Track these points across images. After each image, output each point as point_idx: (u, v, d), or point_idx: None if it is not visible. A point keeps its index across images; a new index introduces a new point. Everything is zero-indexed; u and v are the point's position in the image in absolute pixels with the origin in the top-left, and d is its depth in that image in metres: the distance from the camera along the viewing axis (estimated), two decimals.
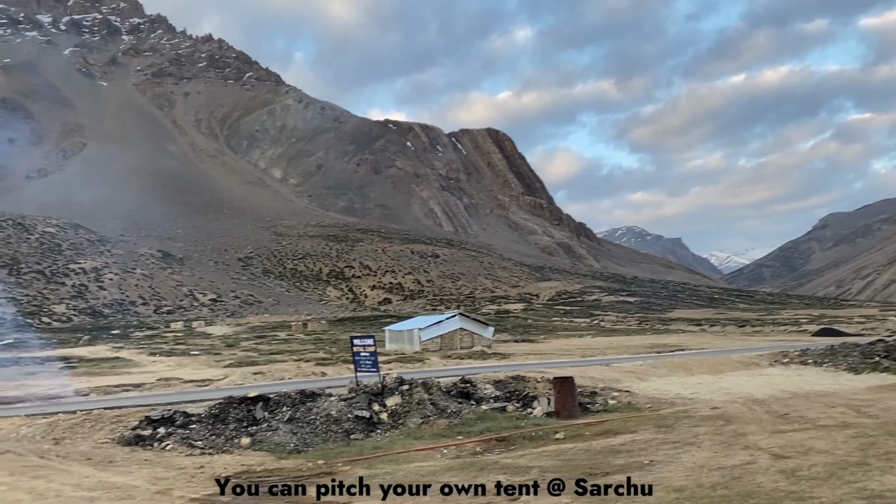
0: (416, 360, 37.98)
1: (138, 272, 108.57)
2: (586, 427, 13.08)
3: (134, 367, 39.33)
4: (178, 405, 14.17)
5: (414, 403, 14.08)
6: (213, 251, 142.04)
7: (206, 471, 10.57)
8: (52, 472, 10.61)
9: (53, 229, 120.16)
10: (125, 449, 12.12)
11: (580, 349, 44.84)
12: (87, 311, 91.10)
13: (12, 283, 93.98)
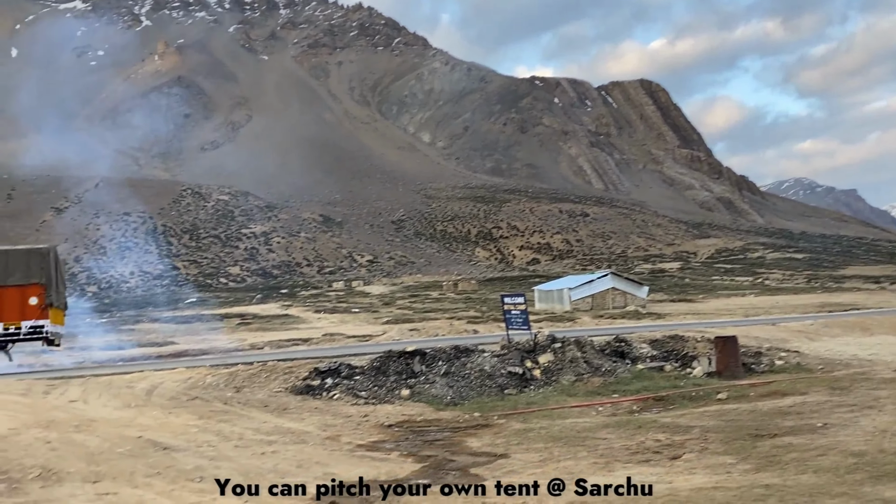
0: (567, 320, 37.77)
1: (302, 235, 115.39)
2: (751, 388, 12.47)
3: (301, 323, 42.10)
4: (343, 358, 15.01)
5: (567, 361, 14.06)
6: (369, 215, 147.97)
7: (370, 419, 11.18)
8: (234, 416, 11.65)
9: (226, 197, 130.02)
10: (297, 397, 13.03)
11: (742, 309, 42.61)
12: (258, 273, 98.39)
13: (193, 248, 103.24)
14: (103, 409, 12.04)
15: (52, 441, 9.78)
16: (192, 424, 10.93)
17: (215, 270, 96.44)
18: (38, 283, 17.48)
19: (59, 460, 8.95)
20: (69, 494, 7.57)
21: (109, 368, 18.51)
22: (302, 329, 37.90)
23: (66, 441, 9.81)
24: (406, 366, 13.85)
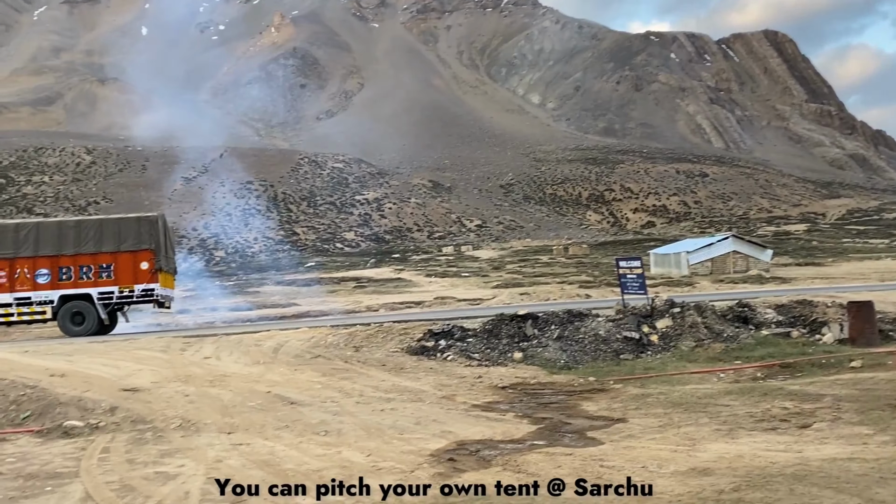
0: (685, 284, 36.59)
1: (412, 201, 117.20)
2: (889, 356, 11.66)
3: (413, 286, 42.99)
4: (455, 321, 15.20)
5: (686, 326, 13.63)
6: (477, 179, 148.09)
7: (483, 380, 11.32)
8: (354, 374, 12.10)
9: (341, 165, 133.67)
10: (412, 358, 13.35)
11: (877, 273, 39.76)
12: (371, 238, 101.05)
13: (311, 214, 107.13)
14: (234, 365, 12.81)
15: (190, 394, 10.52)
16: (315, 381, 11.45)
17: (331, 236, 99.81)
18: (149, 249, 18.66)
19: (197, 412, 9.62)
20: (207, 444, 8.13)
21: (238, 328, 19.65)
22: (414, 292, 38.70)
23: (203, 394, 10.52)
24: (518, 329, 13.86)
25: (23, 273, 18.29)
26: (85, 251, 18.53)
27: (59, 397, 10.25)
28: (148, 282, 18.56)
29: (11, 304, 18.14)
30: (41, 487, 6.67)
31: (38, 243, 18.54)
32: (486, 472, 6.45)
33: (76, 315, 18.31)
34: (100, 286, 18.43)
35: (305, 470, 6.74)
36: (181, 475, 6.80)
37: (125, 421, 9.30)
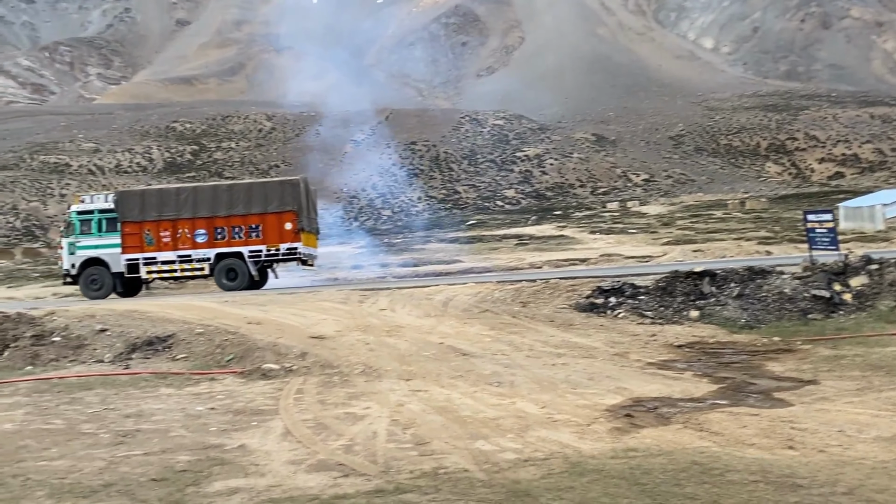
0: (880, 240, 33.26)
1: (575, 156, 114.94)
2: None
3: (577, 244, 42.39)
4: (625, 278, 14.83)
5: (885, 285, 12.41)
6: (644, 131, 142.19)
7: (658, 338, 11.01)
8: (522, 329, 12.21)
9: (501, 122, 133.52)
10: (581, 314, 13.24)
11: None
12: (532, 195, 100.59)
13: (472, 172, 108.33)
14: (408, 317, 13.36)
15: (370, 343, 11.13)
16: (485, 334, 11.70)
17: (492, 194, 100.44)
18: (292, 210, 19.76)
19: (377, 359, 10.17)
20: (388, 389, 8.58)
21: (409, 282, 20.43)
22: (578, 249, 38.17)
23: (381, 343, 11.09)
24: (694, 287, 13.29)
25: (184, 233, 19.92)
26: (236, 213, 19.92)
27: (257, 343, 11.24)
28: (292, 241, 19.70)
29: (175, 261, 19.89)
30: (248, 422, 7.39)
31: (196, 206, 20.12)
32: (665, 429, 6.31)
33: (230, 271, 19.76)
34: (250, 245, 19.76)
35: (482, 418, 6.94)
36: (368, 416, 7.25)
37: (314, 365, 10.04)
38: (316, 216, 22.07)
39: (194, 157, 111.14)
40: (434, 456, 5.80)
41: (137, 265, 20.01)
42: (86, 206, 21.10)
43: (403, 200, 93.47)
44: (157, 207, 20.27)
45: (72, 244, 20.69)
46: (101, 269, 20.19)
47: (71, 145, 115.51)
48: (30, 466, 6.06)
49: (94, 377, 10.50)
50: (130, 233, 20.06)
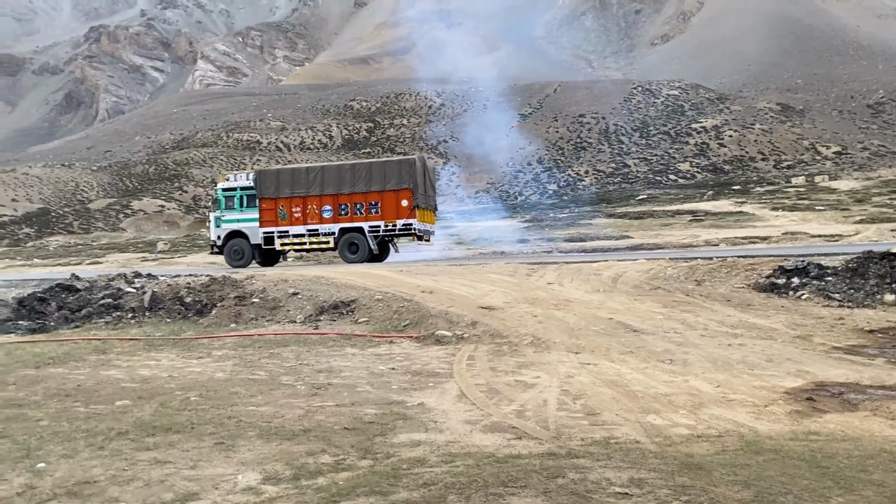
0: None
1: (757, 127, 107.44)
2: None
3: (757, 220, 39.93)
4: (810, 258, 13.92)
5: None
6: (837, 100, 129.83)
7: (846, 322, 10.31)
8: (696, 308, 11.88)
9: (676, 91, 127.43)
10: (760, 295, 12.64)
11: None
12: (708, 168, 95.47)
13: (643, 145, 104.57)
14: (575, 291, 13.43)
15: (538, 315, 11.35)
16: (656, 311, 11.53)
17: (664, 167, 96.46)
18: (408, 188, 20.59)
19: (545, 331, 10.38)
20: (557, 360, 8.77)
21: (576, 257, 20.40)
22: (758, 227, 35.99)
23: (549, 316, 11.27)
24: (891, 269, 12.22)
25: (312, 209, 21.39)
26: (358, 190, 21.09)
27: (430, 310, 11.83)
28: (407, 217, 20.59)
29: (304, 235, 21.47)
30: (425, 382, 7.90)
31: (323, 184, 21.46)
32: (851, 416, 6.01)
33: (352, 245, 21.02)
34: (370, 220, 20.91)
35: (654, 393, 6.95)
36: (538, 385, 7.50)
37: (484, 334, 10.44)
38: (434, 194, 22.92)
39: (369, 133, 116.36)
40: (605, 426, 5.93)
41: (273, 237, 21.76)
42: (230, 183, 23.05)
43: (570, 175, 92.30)
44: (290, 185, 21.84)
45: (217, 218, 22.93)
46: (243, 240, 22.18)
47: (261, 124, 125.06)
48: (241, 410, 6.90)
49: (289, 335, 11.59)
50: (267, 208, 21.82)
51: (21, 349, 11.77)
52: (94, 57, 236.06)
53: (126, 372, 9.28)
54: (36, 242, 64.16)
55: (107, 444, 5.86)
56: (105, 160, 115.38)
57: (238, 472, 5.08)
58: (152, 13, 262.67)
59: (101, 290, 16.25)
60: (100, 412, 7.06)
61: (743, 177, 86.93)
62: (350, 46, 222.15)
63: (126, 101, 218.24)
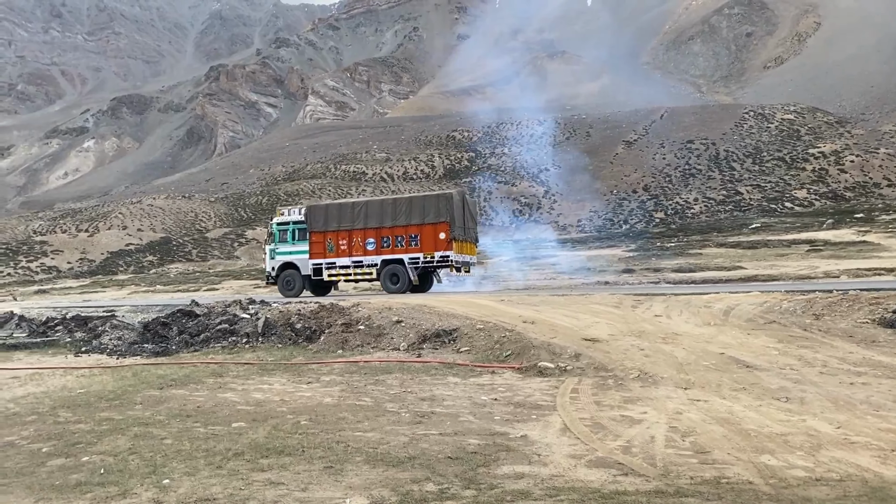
0: None
1: (882, 152, 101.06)
2: None
3: (882, 251, 37.44)
4: None
5: None
6: None
7: None
8: (815, 343, 11.25)
9: (791, 115, 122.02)
10: (886, 331, 11.84)
11: None
12: (827, 195, 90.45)
13: (756, 171, 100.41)
14: (685, 324, 13.01)
15: (645, 349, 11.08)
16: (771, 346, 11.01)
17: (779, 194, 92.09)
18: (445, 222, 21.11)
19: (653, 365, 10.12)
20: (665, 396, 8.53)
21: (685, 288, 19.77)
22: (884, 257, 33.67)
23: (656, 350, 10.98)
24: None
25: (357, 241, 22.27)
26: (399, 224, 21.78)
27: (532, 341, 11.78)
28: (444, 249, 21.12)
29: (350, 266, 22.39)
30: (528, 414, 7.87)
31: (367, 218, 22.29)
32: None
33: (393, 276, 21.73)
34: (409, 253, 21.53)
35: (768, 432, 6.64)
36: (645, 421, 7.31)
37: (588, 367, 10.29)
38: (474, 226, 23.41)
39: (470, 163, 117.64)
40: (715, 465, 5.72)
41: (321, 269, 22.75)
42: (283, 218, 24.24)
43: (678, 202, 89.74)
44: (337, 219, 22.78)
45: (272, 250, 24.07)
46: (294, 271, 23.27)
47: (367, 156, 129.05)
48: (348, 436, 7.11)
49: (393, 363, 11.83)
50: (316, 241, 22.84)
51: (146, 371, 12.57)
52: (214, 95, 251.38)
53: (241, 395, 9.74)
54: (158, 269, 68.41)
55: (224, 464, 6.17)
56: (222, 191, 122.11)
57: (346, 497, 5.24)
58: (267, 52, 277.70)
59: (219, 316, 17.15)
60: (217, 433, 7.45)
61: (867, 204, 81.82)
62: (453, 78, 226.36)
63: (242, 136, 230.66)
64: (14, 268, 74.46)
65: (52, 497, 5.49)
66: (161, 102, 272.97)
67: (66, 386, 11.34)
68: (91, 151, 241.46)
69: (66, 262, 77.98)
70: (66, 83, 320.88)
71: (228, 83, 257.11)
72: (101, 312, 20.51)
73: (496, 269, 33.71)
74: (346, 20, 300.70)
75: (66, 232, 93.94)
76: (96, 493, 5.52)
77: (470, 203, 23.52)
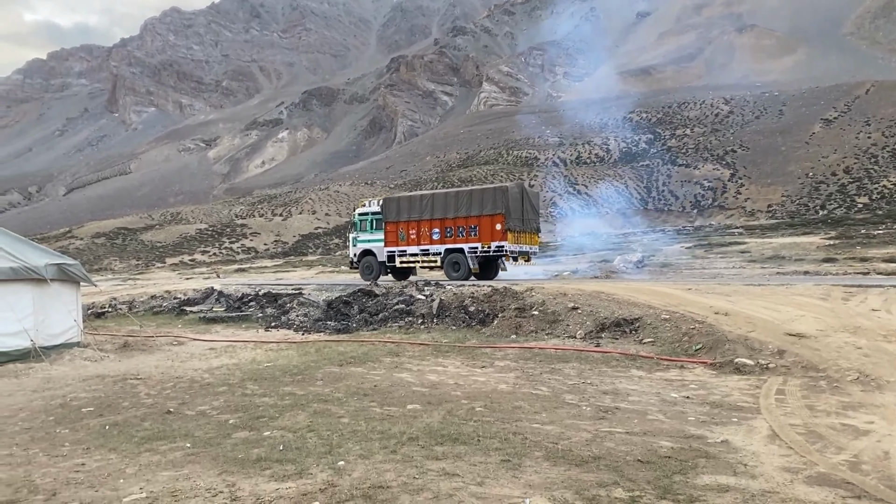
0: None
1: None
2: None
3: None
4: None
5: None
6: None
7: None
8: None
9: None
10: None
11: None
12: None
13: None
14: None
15: (863, 347, 9.67)
16: None
17: None
18: (501, 213, 21.81)
19: (874, 367, 8.78)
20: (894, 403, 7.30)
21: None
22: None
23: (877, 349, 9.55)
24: None
25: (424, 231, 23.45)
26: (461, 215, 22.75)
27: (726, 335, 10.70)
28: (500, 240, 21.83)
29: (418, 254, 23.58)
30: (727, 417, 7.00)
31: (433, 209, 23.38)
32: None
33: (455, 264, 22.60)
34: (469, 242, 22.45)
35: None
36: (873, 432, 6.23)
37: (795, 366, 9.12)
38: (535, 217, 24.04)
39: (648, 146, 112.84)
40: None
41: (394, 256, 24.15)
42: (364, 209, 25.80)
43: (885, 186, 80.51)
44: (407, 210, 23.99)
45: (354, 238, 25.84)
46: (372, 258, 24.89)
47: (539, 140, 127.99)
48: (525, 427, 6.67)
49: (569, 351, 11.26)
50: (390, 230, 24.23)
51: (328, 347, 12.94)
52: (394, 85, 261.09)
53: (416, 376, 9.64)
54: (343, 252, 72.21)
55: (399, 449, 5.97)
56: (400, 178, 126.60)
57: (525, 496, 4.80)
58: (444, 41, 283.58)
59: (396, 297, 17.43)
60: (393, 414, 7.32)
61: None
62: (631, 58, 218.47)
63: (420, 125, 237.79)
64: (219, 248, 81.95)
65: (234, 470, 5.54)
66: (346, 94, 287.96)
67: (255, 359, 11.91)
68: (285, 141, 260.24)
69: (263, 243, 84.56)
70: (264, 78, 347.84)
71: (407, 73, 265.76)
72: (290, 290, 21.67)
73: (675, 256, 31.85)
74: (522, 4, 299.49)
75: (263, 216, 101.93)
76: (275, 469, 5.51)
77: (531, 195, 24.16)
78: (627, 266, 25.82)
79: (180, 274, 48.90)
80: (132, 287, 31.65)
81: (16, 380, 10.63)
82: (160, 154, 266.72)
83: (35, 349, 11.98)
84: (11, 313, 12.00)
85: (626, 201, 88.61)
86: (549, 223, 66.77)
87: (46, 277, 12.58)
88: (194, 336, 15.55)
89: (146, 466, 5.76)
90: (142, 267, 68.04)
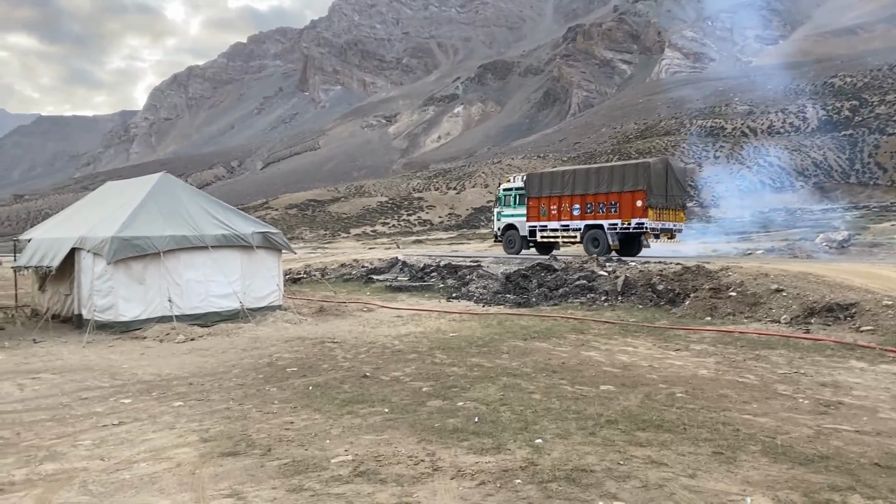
0: None
1: None
2: None
3: None
4: None
5: None
6: None
7: None
8: None
9: None
10: None
11: None
12: None
13: None
14: None
15: None
16: None
17: None
18: (642, 190, 21.29)
19: None
20: None
21: None
22: None
23: None
24: None
25: (565, 207, 23.44)
26: (601, 191, 22.52)
27: None
28: (640, 216, 21.24)
29: (558, 229, 23.64)
30: None
31: (574, 185, 23.27)
32: None
33: (594, 240, 22.43)
34: (609, 219, 22.13)
35: None
36: None
37: None
38: (681, 193, 23.17)
39: (852, 113, 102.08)
40: None
41: (535, 231, 24.39)
42: (508, 185, 26.30)
43: None
44: (549, 186, 24.06)
45: (498, 213, 26.39)
46: (515, 232, 25.37)
47: (726, 109, 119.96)
48: (735, 417, 6.16)
49: (775, 337, 10.36)
50: (532, 206, 24.46)
51: (510, 321, 12.90)
52: (570, 56, 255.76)
53: (605, 355, 9.30)
54: None
55: (597, 431, 5.72)
56: (574, 151, 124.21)
57: (745, 494, 4.39)
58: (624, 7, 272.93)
59: (576, 272, 17.05)
60: (585, 394, 7.07)
61: None
62: (834, 17, 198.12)
63: (595, 95, 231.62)
64: (397, 220, 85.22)
65: (432, 439, 5.58)
66: (521, 67, 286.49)
67: (440, 328, 12.12)
68: (460, 116, 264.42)
69: (437, 216, 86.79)
70: (441, 54, 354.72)
71: (584, 43, 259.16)
72: (468, 262, 21.96)
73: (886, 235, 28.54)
74: None
75: (438, 189, 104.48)
76: (472, 442, 5.47)
77: (677, 170, 23.31)
78: (832, 245, 23.51)
79: (364, 244, 51.41)
80: (322, 255, 33.68)
81: (227, 338, 11.57)
82: (345, 130, 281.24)
83: (244, 310, 13.00)
84: (223, 277, 13.08)
85: (825, 174, 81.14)
86: (736, 198, 62.58)
87: (253, 245, 13.57)
88: (382, 303, 16.16)
89: (349, 429, 5.96)
90: (329, 237, 72.39)
